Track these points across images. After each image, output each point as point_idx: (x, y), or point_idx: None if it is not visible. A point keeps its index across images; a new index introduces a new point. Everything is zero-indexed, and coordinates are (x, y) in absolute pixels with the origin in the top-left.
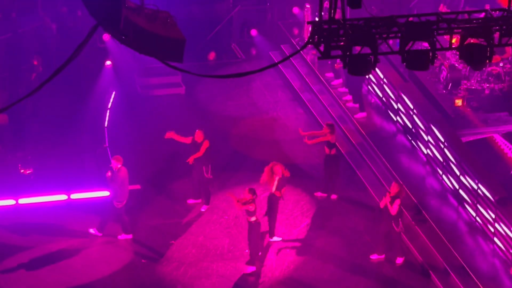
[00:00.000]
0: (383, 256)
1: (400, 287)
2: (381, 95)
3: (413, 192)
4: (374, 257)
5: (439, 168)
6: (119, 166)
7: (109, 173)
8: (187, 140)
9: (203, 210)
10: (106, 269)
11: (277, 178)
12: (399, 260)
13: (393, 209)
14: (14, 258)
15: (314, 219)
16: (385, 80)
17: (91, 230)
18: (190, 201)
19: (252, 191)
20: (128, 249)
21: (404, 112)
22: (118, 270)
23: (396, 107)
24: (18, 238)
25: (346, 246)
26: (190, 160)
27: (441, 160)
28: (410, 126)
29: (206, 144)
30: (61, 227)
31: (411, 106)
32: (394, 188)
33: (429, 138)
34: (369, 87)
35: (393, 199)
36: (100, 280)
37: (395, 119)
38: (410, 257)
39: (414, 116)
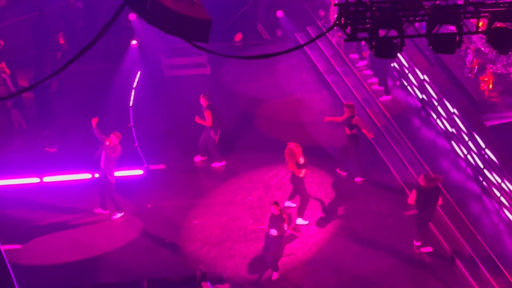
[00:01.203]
0: (430, 248)
1: (424, 271)
2: (406, 78)
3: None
4: (425, 250)
5: (463, 152)
6: (117, 142)
7: (107, 142)
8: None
9: (214, 165)
10: (129, 248)
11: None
12: (417, 243)
13: (439, 200)
14: (38, 236)
15: (338, 201)
16: (410, 63)
17: (116, 215)
18: (197, 159)
19: (277, 203)
20: (151, 229)
21: (429, 95)
22: (141, 249)
23: (421, 90)
24: (42, 216)
25: (370, 229)
26: (196, 119)
27: (465, 144)
28: (435, 110)
29: (208, 115)
30: (84, 206)
31: (436, 90)
32: (423, 182)
33: (454, 122)
34: (395, 70)
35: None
36: (123, 259)
37: (420, 103)
38: (433, 240)
39: (439, 100)
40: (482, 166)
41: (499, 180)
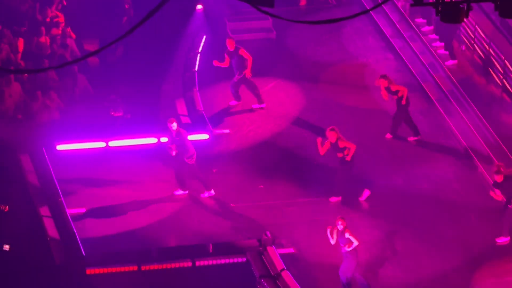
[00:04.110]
0: (508, 238)
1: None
2: (472, 43)
3: (505, 143)
4: (500, 240)
5: None
6: (174, 123)
7: (173, 151)
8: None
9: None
10: (194, 212)
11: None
12: (501, 240)
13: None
14: (103, 200)
15: (404, 165)
16: (477, 27)
17: (205, 194)
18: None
19: (343, 218)
20: (217, 193)
21: (495, 60)
22: (206, 213)
23: (486, 55)
24: (108, 180)
25: (435, 194)
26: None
27: None
28: (501, 76)
29: (246, 55)
30: (149, 170)
31: (502, 55)
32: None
33: None
34: (461, 34)
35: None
36: (188, 222)
37: (486, 68)
38: None
39: (505, 65)
40: None
41: None
